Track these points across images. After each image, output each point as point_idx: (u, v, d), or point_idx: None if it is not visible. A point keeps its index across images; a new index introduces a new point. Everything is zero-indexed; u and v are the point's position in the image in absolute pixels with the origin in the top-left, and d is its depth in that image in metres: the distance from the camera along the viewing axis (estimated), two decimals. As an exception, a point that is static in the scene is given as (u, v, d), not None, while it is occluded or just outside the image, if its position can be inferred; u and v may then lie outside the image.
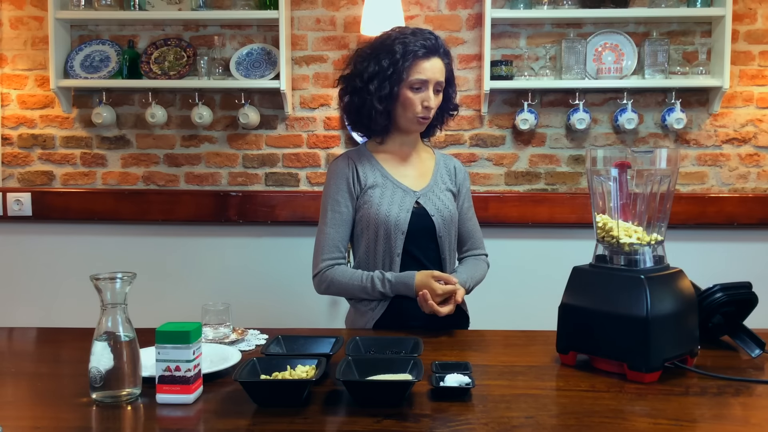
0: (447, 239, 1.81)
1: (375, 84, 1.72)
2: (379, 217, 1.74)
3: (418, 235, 1.77)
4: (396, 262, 1.75)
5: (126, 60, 2.70)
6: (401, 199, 1.77)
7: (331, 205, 1.79)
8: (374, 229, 1.75)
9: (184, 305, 2.50)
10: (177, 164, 2.83)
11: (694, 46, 2.69)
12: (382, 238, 1.75)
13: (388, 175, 1.81)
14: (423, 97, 1.73)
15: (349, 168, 1.80)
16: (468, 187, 1.93)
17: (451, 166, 1.90)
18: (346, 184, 1.79)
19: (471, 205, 1.94)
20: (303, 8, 2.76)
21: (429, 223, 1.78)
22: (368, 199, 1.77)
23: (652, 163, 1.34)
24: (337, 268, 1.77)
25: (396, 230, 1.74)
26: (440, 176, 1.86)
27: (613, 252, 1.37)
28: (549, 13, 2.64)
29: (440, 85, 1.76)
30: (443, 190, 1.84)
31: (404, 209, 1.76)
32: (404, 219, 1.75)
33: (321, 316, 2.77)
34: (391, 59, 1.71)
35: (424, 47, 1.72)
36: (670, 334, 1.28)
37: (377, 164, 1.82)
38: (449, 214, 1.81)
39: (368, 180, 1.79)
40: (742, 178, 2.75)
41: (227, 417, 1.11)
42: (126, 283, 1.18)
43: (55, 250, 2.82)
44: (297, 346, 1.39)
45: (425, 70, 1.72)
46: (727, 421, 1.11)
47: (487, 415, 1.11)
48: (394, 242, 1.75)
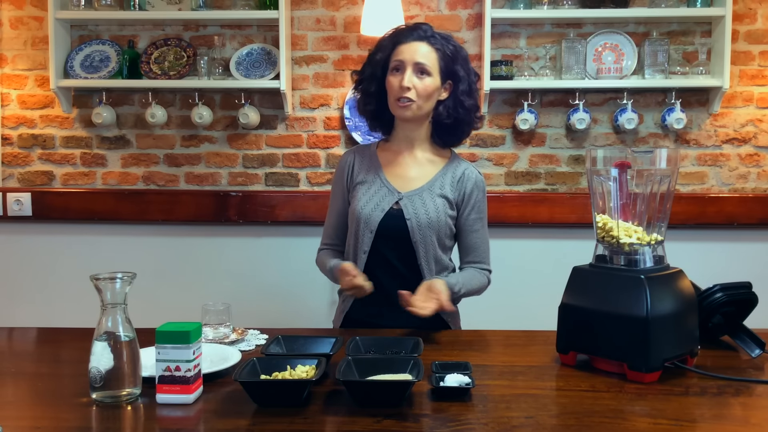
0: (424, 244, 1.75)
1: (366, 73, 1.81)
2: (354, 213, 1.79)
3: (390, 237, 1.76)
4: (362, 258, 1.77)
5: (126, 60, 2.70)
6: (381, 198, 1.78)
7: (332, 196, 1.91)
8: (353, 225, 1.81)
9: (184, 305, 2.49)
10: (177, 164, 2.83)
11: (694, 46, 2.69)
12: (353, 233, 1.80)
13: (381, 173, 1.82)
14: (400, 78, 1.72)
15: (348, 162, 1.87)
16: (479, 199, 1.82)
17: (459, 174, 1.81)
18: (342, 176, 1.87)
19: (480, 218, 1.83)
20: (303, 8, 2.76)
21: (402, 225, 1.75)
22: (355, 194, 1.83)
23: (652, 163, 1.34)
24: (321, 252, 1.90)
25: (365, 228, 1.76)
26: (439, 182, 1.80)
27: (613, 252, 1.37)
28: (549, 13, 2.64)
29: (421, 66, 1.71)
30: (435, 195, 1.78)
31: (379, 209, 1.76)
32: (375, 218, 1.76)
33: (321, 316, 2.76)
34: (378, 46, 1.80)
35: (408, 34, 1.76)
36: (670, 334, 1.28)
37: (376, 162, 1.85)
38: (428, 220, 1.74)
39: (360, 176, 1.84)
40: (742, 178, 2.75)
41: (227, 417, 1.11)
42: (126, 283, 1.18)
43: (55, 250, 2.82)
44: (297, 346, 1.39)
45: (402, 52, 1.74)
46: (727, 421, 1.11)
47: (487, 415, 1.11)
48: (362, 239, 1.77)
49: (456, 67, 1.76)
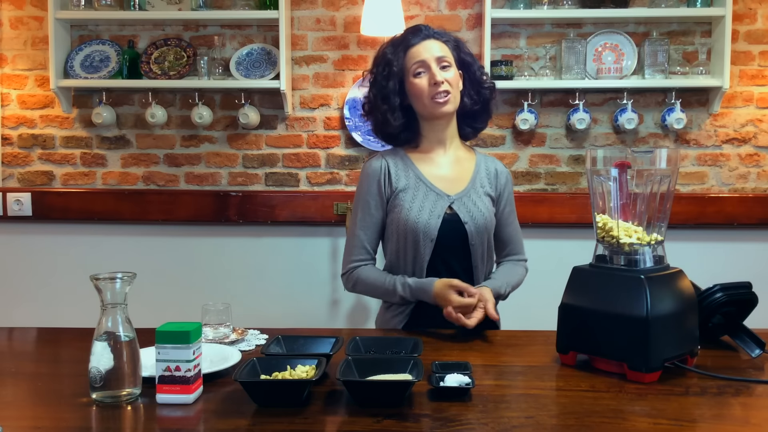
0: (480, 247, 1.74)
1: (375, 90, 1.75)
2: (408, 223, 1.69)
3: (449, 243, 1.71)
4: (423, 269, 1.71)
5: (126, 60, 2.70)
6: (433, 203, 1.71)
7: (362, 206, 1.77)
8: (403, 234, 1.71)
9: (184, 305, 2.50)
10: (177, 164, 2.83)
11: (694, 46, 2.69)
12: (411, 244, 1.71)
13: (422, 177, 1.75)
14: (429, 77, 1.69)
15: (382, 169, 1.76)
16: (510, 191, 1.85)
17: (492, 169, 1.82)
18: (377, 185, 1.75)
19: (513, 209, 1.86)
20: (303, 8, 2.76)
21: (461, 231, 1.71)
22: (399, 202, 1.72)
23: (652, 163, 1.34)
24: (363, 268, 1.76)
25: (425, 238, 1.69)
26: (479, 179, 1.78)
27: (613, 252, 1.37)
28: (549, 13, 2.64)
29: (444, 60, 1.71)
30: (481, 194, 1.76)
31: (435, 215, 1.70)
32: (434, 226, 1.69)
33: (321, 316, 2.77)
34: (384, 61, 1.74)
35: (413, 36, 1.74)
36: (670, 334, 1.28)
37: (412, 165, 1.77)
38: (483, 221, 1.73)
39: (400, 182, 1.74)
40: (742, 178, 2.76)
41: (227, 417, 1.11)
42: (126, 283, 1.18)
43: (55, 250, 2.82)
44: (297, 346, 1.38)
45: (419, 52, 1.72)
46: (727, 421, 1.11)
47: (487, 415, 1.11)
48: (423, 249, 1.70)
49: (463, 55, 1.78)
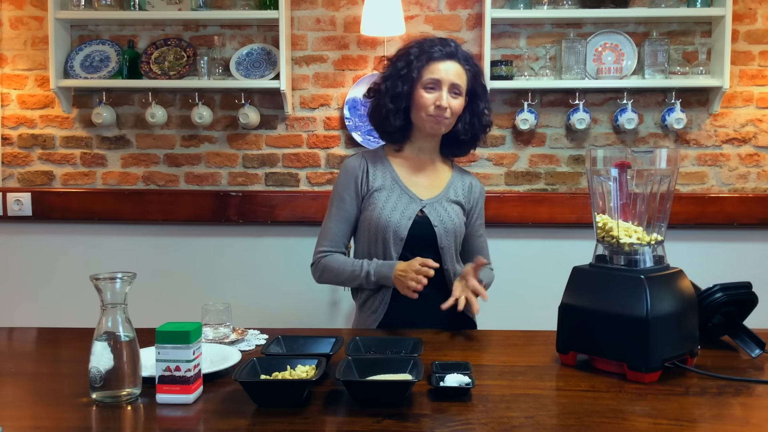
0: (449, 250, 1.80)
1: (388, 83, 1.79)
2: (380, 222, 1.76)
3: (419, 244, 1.77)
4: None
5: (126, 60, 2.70)
6: (405, 205, 1.78)
7: (337, 201, 1.83)
8: (374, 232, 1.77)
9: (184, 305, 2.50)
10: (177, 164, 2.83)
11: (694, 46, 2.69)
12: (381, 242, 1.77)
13: (399, 180, 1.82)
14: (436, 97, 1.74)
15: (360, 167, 1.83)
16: (482, 206, 1.93)
17: (468, 182, 1.90)
18: (354, 182, 1.82)
19: (483, 223, 1.94)
20: (303, 8, 2.76)
21: (430, 233, 1.78)
22: (373, 201, 1.79)
23: (652, 163, 1.34)
24: (330, 256, 1.81)
25: (395, 237, 1.76)
26: (453, 189, 1.86)
27: (613, 252, 1.37)
28: (549, 13, 2.64)
29: (457, 88, 1.76)
30: (451, 202, 1.84)
31: (406, 216, 1.77)
32: (405, 226, 1.76)
33: (321, 316, 2.77)
34: (406, 60, 1.78)
35: (440, 50, 1.76)
36: (670, 334, 1.28)
37: (390, 167, 1.84)
38: (453, 226, 1.81)
39: (377, 182, 1.81)
40: (742, 178, 2.75)
41: (227, 417, 1.11)
42: (126, 283, 1.18)
43: (55, 250, 2.82)
44: (297, 346, 1.39)
45: (438, 70, 1.75)
46: (727, 421, 1.11)
47: (487, 415, 1.11)
48: (392, 248, 1.76)
49: (477, 87, 1.82)
